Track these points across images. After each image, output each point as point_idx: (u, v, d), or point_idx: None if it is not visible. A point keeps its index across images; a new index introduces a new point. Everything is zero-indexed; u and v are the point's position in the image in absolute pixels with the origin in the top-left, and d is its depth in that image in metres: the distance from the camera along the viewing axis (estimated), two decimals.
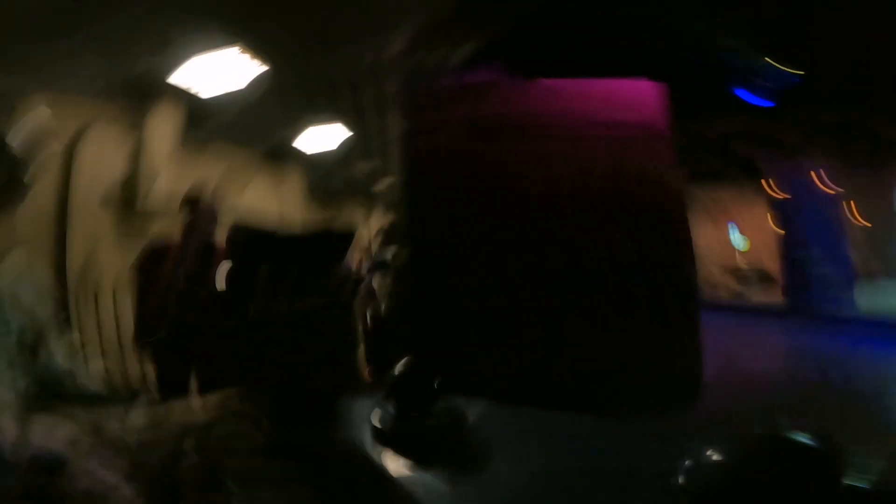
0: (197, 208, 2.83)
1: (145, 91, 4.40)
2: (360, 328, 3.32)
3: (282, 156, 7.03)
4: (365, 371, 3.06)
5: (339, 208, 7.73)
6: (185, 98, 4.62)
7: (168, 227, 3.25)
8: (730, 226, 13.37)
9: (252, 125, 5.92)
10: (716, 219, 13.13)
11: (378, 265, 4.08)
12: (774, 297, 10.72)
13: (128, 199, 4.40)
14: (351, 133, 6.80)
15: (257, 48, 4.53)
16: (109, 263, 3.96)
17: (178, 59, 4.31)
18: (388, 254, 4.21)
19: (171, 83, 4.46)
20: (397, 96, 3.25)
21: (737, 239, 13.29)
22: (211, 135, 5.44)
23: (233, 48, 4.38)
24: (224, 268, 2.70)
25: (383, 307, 3.71)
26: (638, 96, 3.12)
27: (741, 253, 13.19)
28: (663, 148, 3.02)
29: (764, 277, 12.07)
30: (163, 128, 4.68)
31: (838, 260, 9.24)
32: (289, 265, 2.70)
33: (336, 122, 6.55)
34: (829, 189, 9.36)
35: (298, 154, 7.09)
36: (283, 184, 7.36)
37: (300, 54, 4.79)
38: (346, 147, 7.00)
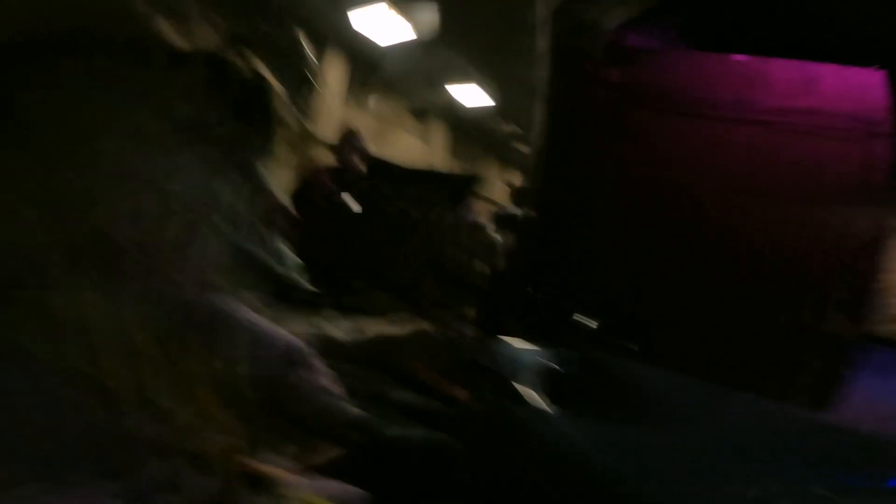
0: (350, 142, 3.09)
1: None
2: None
3: (429, 111, 7.23)
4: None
5: (480, 165, 7.79)
6: (350, 48, 5.00)
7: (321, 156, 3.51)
8: None
9: (404, 79, 6.16)
10: None
11: (503, 218, 4.07)
12: None
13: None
14: (499, 91, 6.77)
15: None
16: None
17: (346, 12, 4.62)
18: (517, 211, 4.17)
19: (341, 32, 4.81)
20: (550, 53, 3.05)
21: None
22: (366, 85, 5.76)
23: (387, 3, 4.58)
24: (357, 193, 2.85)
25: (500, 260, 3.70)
26: (850, 84, 2.64)
27: None
28: (877, 148, 2.51)
29: None
30: (335, 73, 5.17)
31: None
32: (413, 197, 2.77)
33: (485, 79, 6.55)
34: None
35: (446, 110, 7.22)
36: (428, 138, 7.60)
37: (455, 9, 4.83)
38: (494, 105, 6.99)
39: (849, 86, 2.73)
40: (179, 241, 0.52)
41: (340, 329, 1.27)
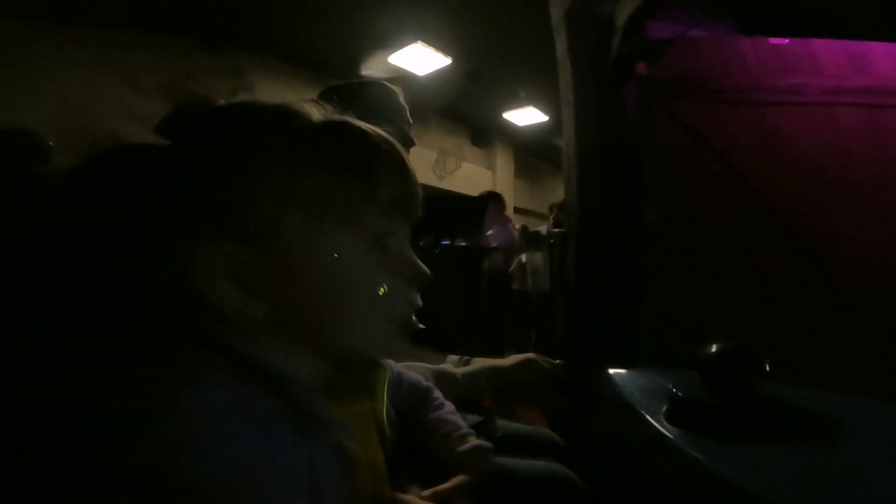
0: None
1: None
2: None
3: (489, 138, 7.32)
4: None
5: (545, 181, 7.76)
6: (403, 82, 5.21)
7: None
8: None
9: (460, 108, 6.30)
10: None
11: (531, 238, 4.04)
12: None
13: None
14: (552, 107, 6.80)
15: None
16: None
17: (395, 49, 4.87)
18: (543, 229, 4.16)
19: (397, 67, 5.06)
20: (570, 56, 2.92)
21: None
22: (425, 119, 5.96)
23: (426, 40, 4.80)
24: None
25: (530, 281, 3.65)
26: None
27: None
28: None
29: None
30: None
31: None
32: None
33: (538, 98, 6.58)
34: None
35: (505, 135, 7.28)
36: (492, 164, 7.66)
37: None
38: (549, 121, 6.98)
39: None
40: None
41: (448, 363, 1.30)
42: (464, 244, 3.07)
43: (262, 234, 0.50)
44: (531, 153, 8.34)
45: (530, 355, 1.44)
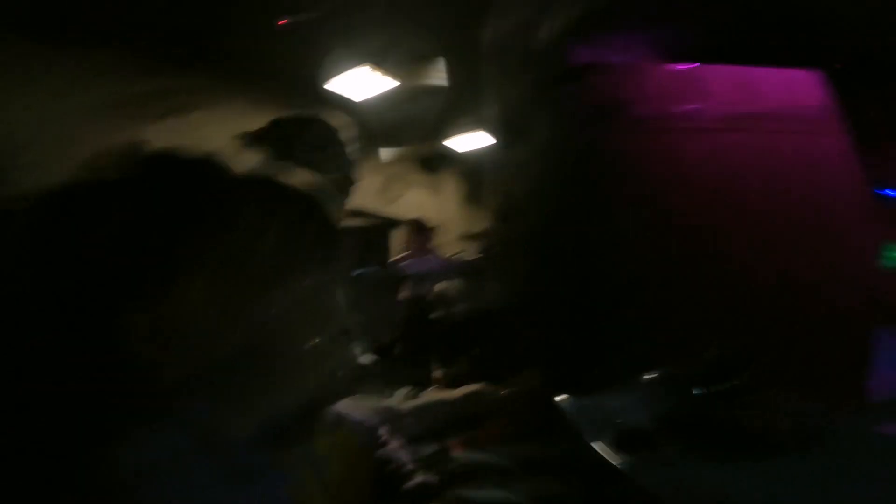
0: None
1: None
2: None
3: (438, 162, 7.36)
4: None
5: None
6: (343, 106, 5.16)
7: None
8: None
9: (408, 132, 6.33)
10: None
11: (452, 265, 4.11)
12: None
13: None
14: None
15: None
16: None
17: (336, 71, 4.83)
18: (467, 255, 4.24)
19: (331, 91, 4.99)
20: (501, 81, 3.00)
21: None
22: (368, 143, 5.94)
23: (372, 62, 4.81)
24: None
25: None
26: (789, 85, 2.70)
27: None
28: (831, 146, 2.58)
29: None
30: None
31: None
32: None
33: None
34: None
35: (454, 160, 7.35)
36: (439, 190, 7.70)
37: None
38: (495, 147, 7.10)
39: (788, 87, 2.78)
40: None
41: (397, 399, 1.28)
42: (377, 272, 3.08)
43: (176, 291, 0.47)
44: (480, 178, 8.43)
45: (478, 386, 1.44)
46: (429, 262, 4.58)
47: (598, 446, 1.49)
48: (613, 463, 1.33)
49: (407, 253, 4.09)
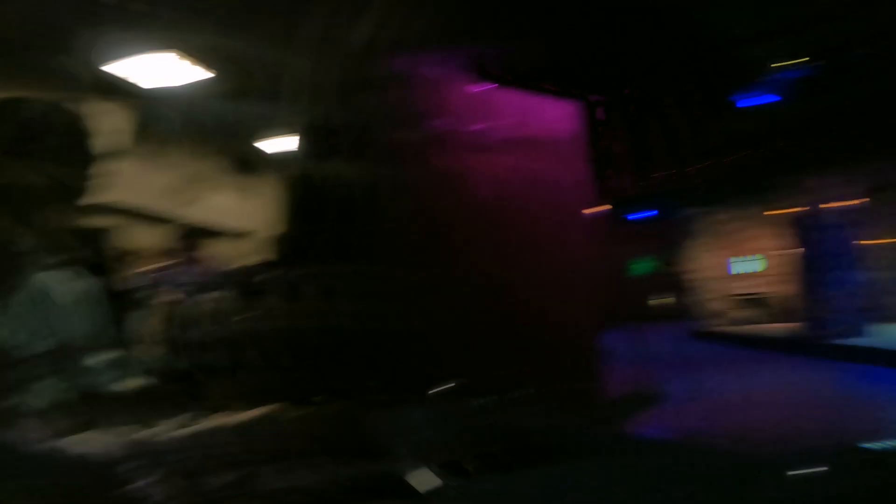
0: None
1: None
2: None
3: (253, 165, 6.90)
4: None
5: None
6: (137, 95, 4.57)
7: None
8: (731, 249, 13.19)
9: (217, 131, 5.83)
10: (715, 242, 12.96)
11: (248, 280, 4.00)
12: (778, 325, 10.53)
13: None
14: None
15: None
16: None
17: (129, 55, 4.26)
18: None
19: (123, 79, 4.36)
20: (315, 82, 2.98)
21: (742, 263, 13.06)
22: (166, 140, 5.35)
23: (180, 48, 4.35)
24: None
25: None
26: (560, 114, 3.12)
27: (744, 277, 12.94)
28: (571, 171, 3.05)
29: (767, 303, 12.02)
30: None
31: (849, 286, 8.74)
32: None
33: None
34: (843, 209, 8.83)
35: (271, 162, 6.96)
36: (252, 194, 7.22)
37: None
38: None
39: (555, 115, 3.21)
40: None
41: (170, 427, 1.14)
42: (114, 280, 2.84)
43: None
44: (291, 182, 8.10)
45: (273, 407, 1.35)
46: (194, 272, 4.19)
47: (400, 465, 1.51)
48: (413, 483, 1.36)
49: (174, 261, 3.72)
